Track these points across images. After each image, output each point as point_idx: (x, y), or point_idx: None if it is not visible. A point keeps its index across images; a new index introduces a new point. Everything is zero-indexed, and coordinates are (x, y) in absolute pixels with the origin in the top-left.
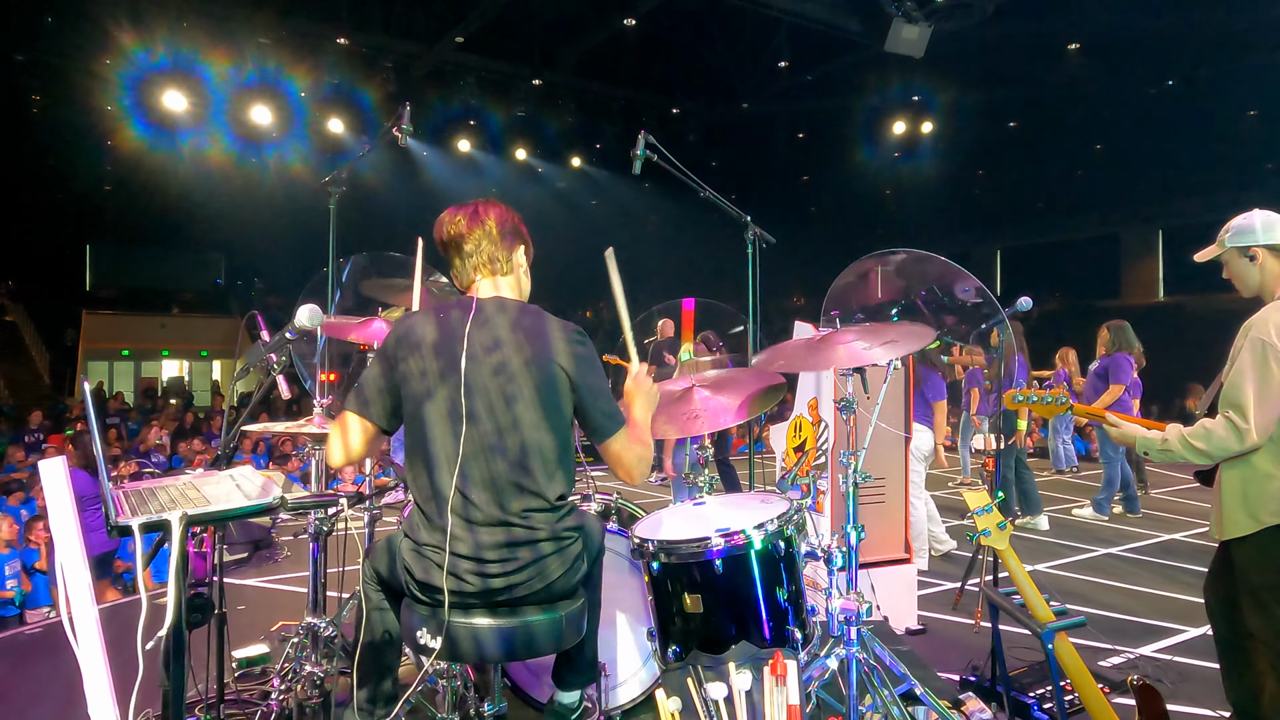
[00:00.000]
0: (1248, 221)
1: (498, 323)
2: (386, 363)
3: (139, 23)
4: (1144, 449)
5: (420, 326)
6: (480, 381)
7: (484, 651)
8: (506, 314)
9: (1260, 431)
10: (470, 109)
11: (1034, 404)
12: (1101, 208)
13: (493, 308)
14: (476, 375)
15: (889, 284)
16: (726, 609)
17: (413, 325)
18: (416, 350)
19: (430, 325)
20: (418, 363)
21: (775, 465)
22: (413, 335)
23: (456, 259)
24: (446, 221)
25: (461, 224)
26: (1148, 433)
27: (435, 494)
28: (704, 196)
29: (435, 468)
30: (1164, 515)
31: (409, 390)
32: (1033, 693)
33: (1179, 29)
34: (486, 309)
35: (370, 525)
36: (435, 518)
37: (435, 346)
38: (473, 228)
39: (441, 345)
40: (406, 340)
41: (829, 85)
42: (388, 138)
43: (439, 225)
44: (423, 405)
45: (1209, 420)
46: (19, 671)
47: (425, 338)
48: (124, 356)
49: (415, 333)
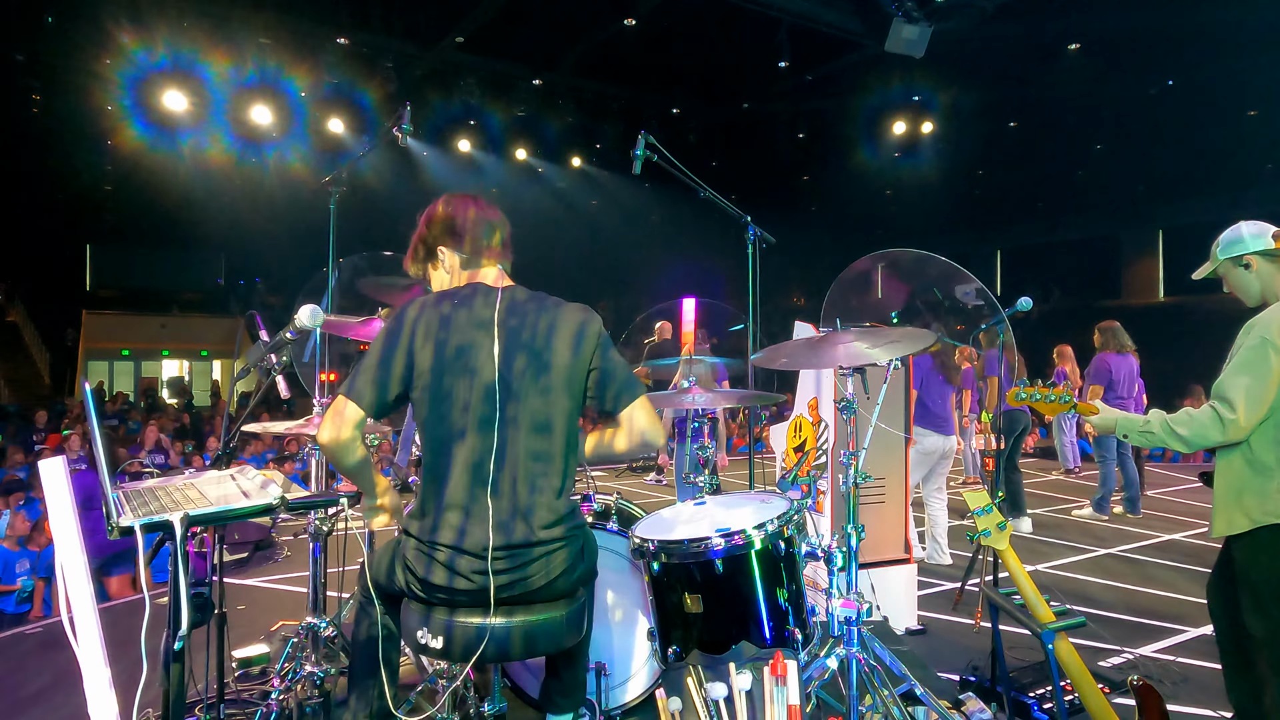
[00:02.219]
0: (1235, 233)
1: (528, 312)
2: (398, 350)
3: (139, 23)
4: (1124, 431)
5: (438, 315)
6: (514, 375)
7: (495, 651)
8: (531, 302)
9: (1245, 425)
10: (470, 109)
11: (1037, 402)
12: (1101, 208)
13: (519, 296)
14: (510, 369)
15: (889, 285)
16: (727, 609)
17: (428, 314)
18: (439, 339)
19: (450, 315)
20: (443, 353)
21: (775, 465)
22: (429, 324)
23: (482, 245)
24: (468, 205)
25: (500, 218)
26: (1129, 414)
27: (457, 492)
28: (704, 196)
29: (458, 465)
30: (1164, 515)
31: (430, 382)
32: (1033, 693)
33: (1179, 29)
34: (514, 297)
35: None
36: (453, 515)
37: (462, 336)
38: (505, 223)
39: (468, 339)
40: (424, 329)
41: (829, 85)
42: (388, 138)
43: (457, 206)
44: (446, 401)
45: (1193, 409)
46: (19, 671)
47: (450, 327)
48: (124, 356)
49: (433, 322)
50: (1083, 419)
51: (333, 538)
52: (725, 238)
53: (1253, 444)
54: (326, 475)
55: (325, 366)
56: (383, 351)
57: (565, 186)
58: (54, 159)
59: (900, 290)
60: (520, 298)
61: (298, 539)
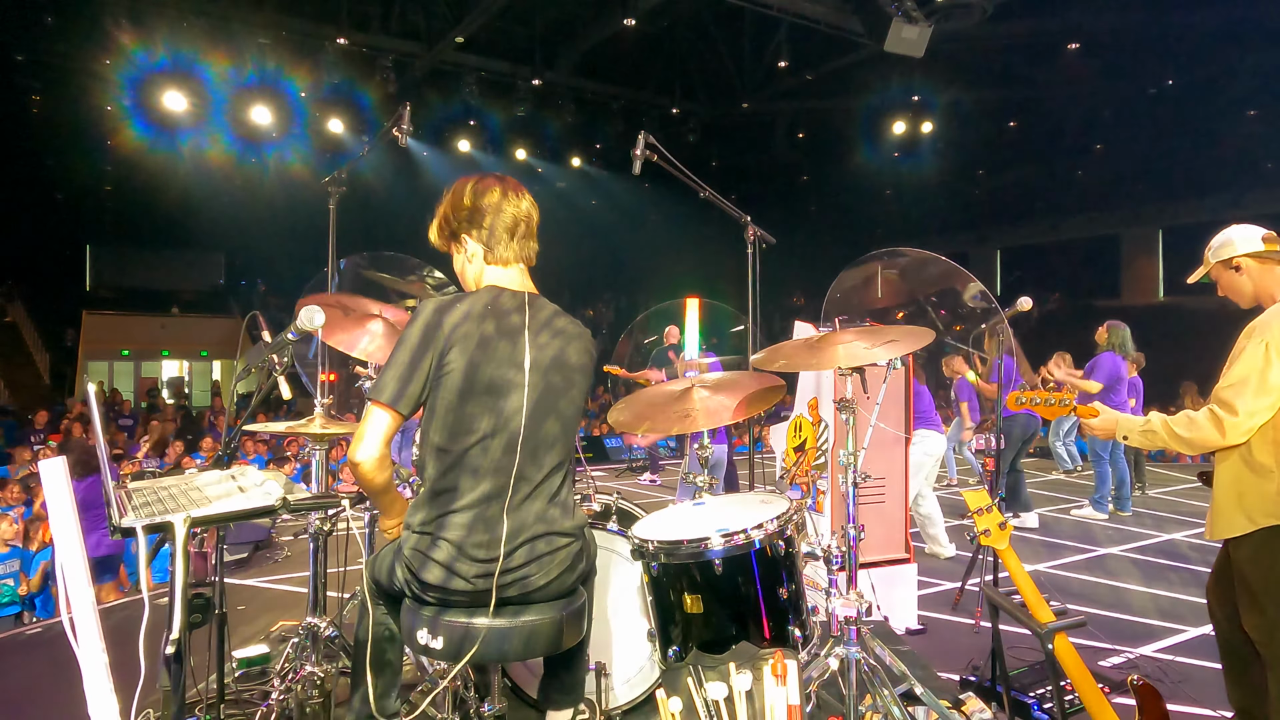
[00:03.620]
0: (1224, 237)
1: (553, 323)
2: (428, 353)
3: (139, 23)
4: (1124, 432)
5: (467, 320)
6: (539, 385)
7: (495, 651)
8: (551, 313)
9: (1245, 428)
10: (470, 109)
11: (1038, 405)
12: (1101, 208)
13: (543, 306)
14: (538, 379)
15: (889, 286)
16: (726, 609)
17: (456, 318)
18: (468, 348)
19: (482, 321)
20: (471, 361)
21: (775, 465)
22: (459, 329)
23: (505, 235)
24: (508, 191)
25: (528, 201)
26: (1129, 416)
27: (459, 498)
28: (704, 196)
29: (464, 475)
30: (1164, 515)
31: (453, 389)
32: (1033, 693)
33: (1179, 29)
34: (539, 307)
35: (371, 525)
36: (468, 517)
37: (492, 347)
38: (533, 209)
39: (499, 347)
40: (452, 334)
41: (829, 85)
42: (388, 138)
43: (485, 193)
44: (471, 405)
45: (1193, 411)
46: (19, 671)
47: (477, 334)
48: (124, 357)
49: (462, 327)
50: (1082, 422)
51: (333, 538)
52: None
53: (1252, 446)
54: (326, 475)
55: (325, 366)
56: (415, 351)
57: (565, 186)
58: (54, 159)
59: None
60: (544, 316)
61: (298, 539)
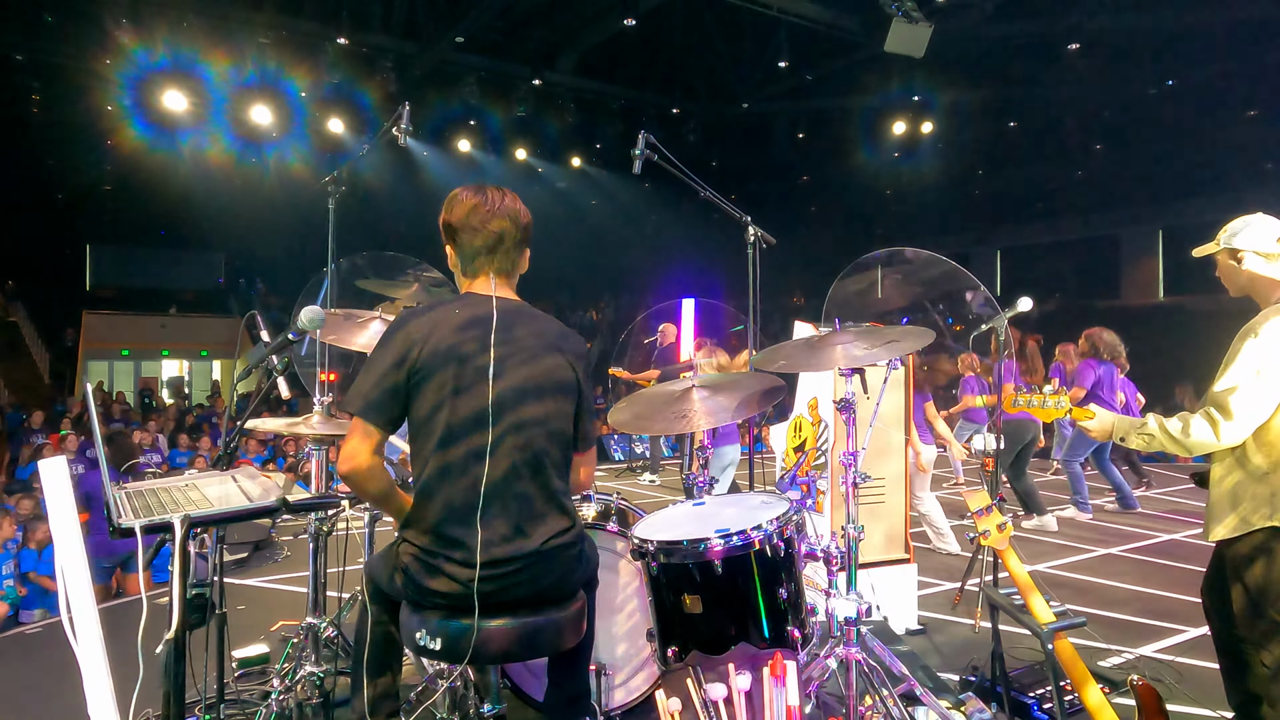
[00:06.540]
0: (1242, 224)
1: (520, 329)
2: (398, 367)
3: (139, 23)
4: (1121, 434)
5: (437, 329)
6: (507, 391)
7: (495, 652)
8: (524, 318)
9: (1241, 431)
10: (470, 109)
11: (1034, 408)
12: (1101, 208)
13: (512, 311)
14: (504, 385)
15: (890, 286)
16: (726, 609)
17: (426, 328)
18: (437, 356)
19: (448, 330)
20: (440, 369)
21: (775, 465)
22: (429, 339)
23: (482, 252)
24: (483, 210)
25: (504, 221)
26: (1126, 418)
27: (454, 501)
28: (704, 196)
29: (455, 475)
30: (1164, 515)
31: (428, 397)
32: (1033, 693)
33: (1179, 29)
34: (507, 313)
35: (370, 525)
36: (450, 522)
37: (458, 354)
38: (511, 227)
39: (466, 353)
40: (422, 344)
41: (829, 85)
42: (387, 138)
43: (468, 210)
44: (443, 412)
45: (1189, 413)
46: (19, 671)
47: (445, 343)
48: (124, 356)
49: (432, 337)
50: (1078, 424)
51: (332, 538)
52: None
53: (1246, 448)
54: (326, 476)
55: (325, 366)
56: (386, 362)
57: (565, 186)
58: (54, 159)
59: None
60: (511, 314)
61: (298, 539)
